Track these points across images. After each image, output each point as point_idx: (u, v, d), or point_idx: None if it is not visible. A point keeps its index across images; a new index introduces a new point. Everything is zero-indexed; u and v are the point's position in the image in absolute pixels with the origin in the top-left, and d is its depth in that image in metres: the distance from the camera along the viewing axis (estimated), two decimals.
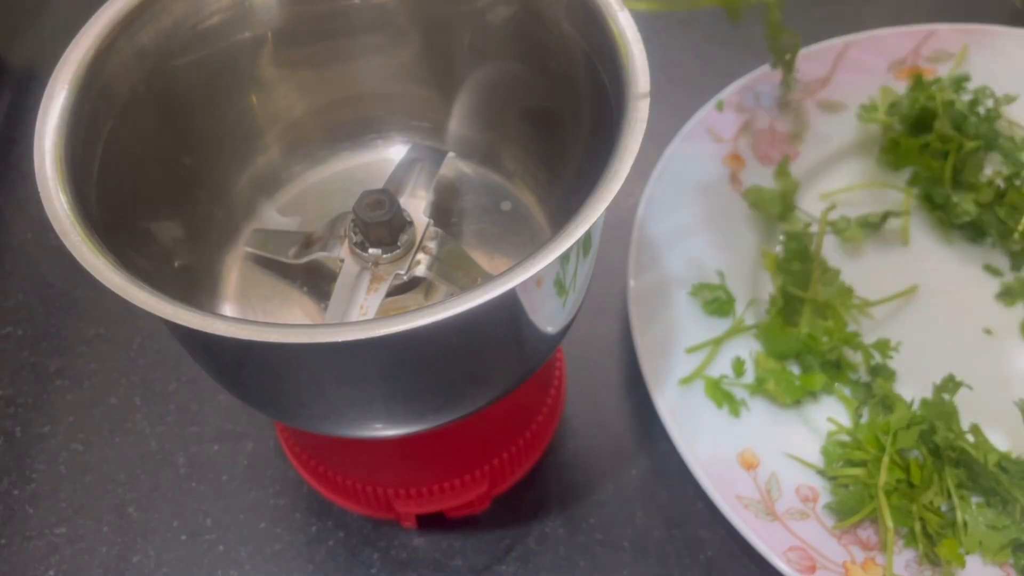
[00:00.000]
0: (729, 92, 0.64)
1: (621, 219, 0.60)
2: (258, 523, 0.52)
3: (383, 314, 0.37)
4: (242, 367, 0.37)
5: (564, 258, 0.32)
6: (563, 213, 0.43)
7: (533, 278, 0.31)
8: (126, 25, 0.38)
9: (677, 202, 0.59)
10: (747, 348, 0.55)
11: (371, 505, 0.50)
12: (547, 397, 0.52)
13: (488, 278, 0.32)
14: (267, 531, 0.51)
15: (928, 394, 0.52)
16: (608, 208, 0.33)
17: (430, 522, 0.51)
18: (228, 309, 0.44)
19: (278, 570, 0.50)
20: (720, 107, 0.63)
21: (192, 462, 0.54)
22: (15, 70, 0.73)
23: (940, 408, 0.50)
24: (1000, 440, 0.51)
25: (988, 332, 0.56)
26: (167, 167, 0.42)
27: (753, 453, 0.50)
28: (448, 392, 0.37)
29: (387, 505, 0.49)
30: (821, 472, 0.50)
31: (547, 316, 0.37)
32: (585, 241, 0.35)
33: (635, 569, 0.50)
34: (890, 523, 0.46)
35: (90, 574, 0.50)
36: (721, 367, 0.54)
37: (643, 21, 0.37)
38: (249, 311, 0.44)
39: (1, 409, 0.56)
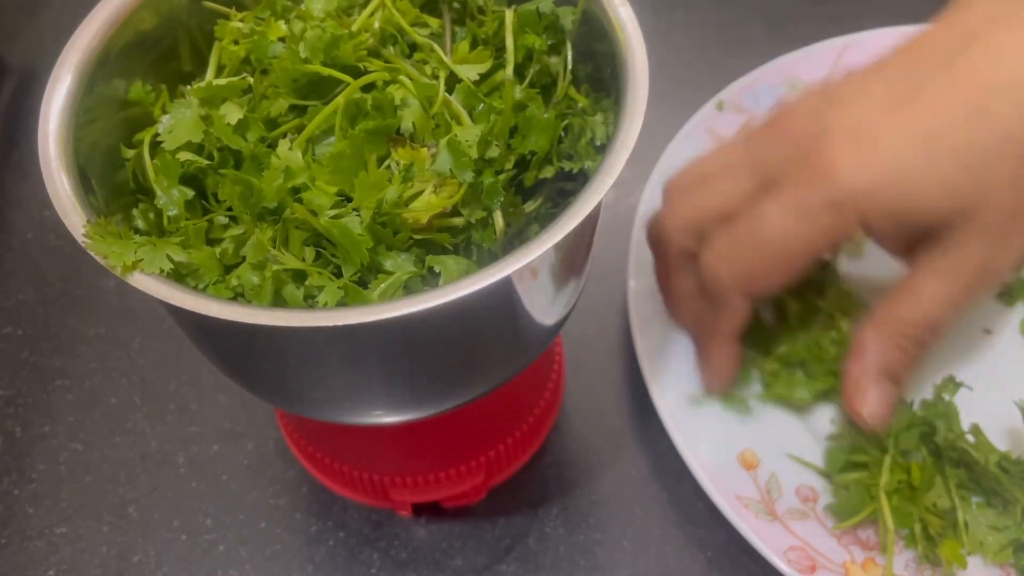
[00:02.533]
0: (730, 92, 0.64)
1: (621, 219, 0.59)
2: (258, 523, 0.52)
3: None
4: (242, 351, 0.37)
5: (560, 247, 0.32)
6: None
7: (528, 266, 0.31)
8: (133, 10, 0.38)
9: None
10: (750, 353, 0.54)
11: (368, 493, 0.50)
12: (545, 391, 0.52)
13: (482, 266, 0.32)
14: (267, 531, 0.51)
15: (928, 395, 0.52)
16: (607, 207, 0.33)
17: (426, 511, 0.51)
18: None
19: (278, 570, 0.50)
20: (720, 107, 0.63)
21: (192, 462, 0.54)
22: (15, 69, 0.73)
23: (940, 409, 0.50)
24: (1000, 440, 0.51)
25: (988, 332, 0.56)
26: None
27: (753, 453, 0.50)
28: (445, 378, 0.37)
29: (383, 493, 0.49)
30: (821, 472, 0.50)
31: (543, 306, 0.37)
32: (581, 232, 0.35)
33: (635, 569, 0.50)
34: (891, 524, 0.46)
35: (90, 574, 0.50)
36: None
37: (644, 21, 0.37)
38: None
39: (1, 409, 0.56)
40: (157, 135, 0.36)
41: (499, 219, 0.36)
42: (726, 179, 0.47)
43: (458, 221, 0.36)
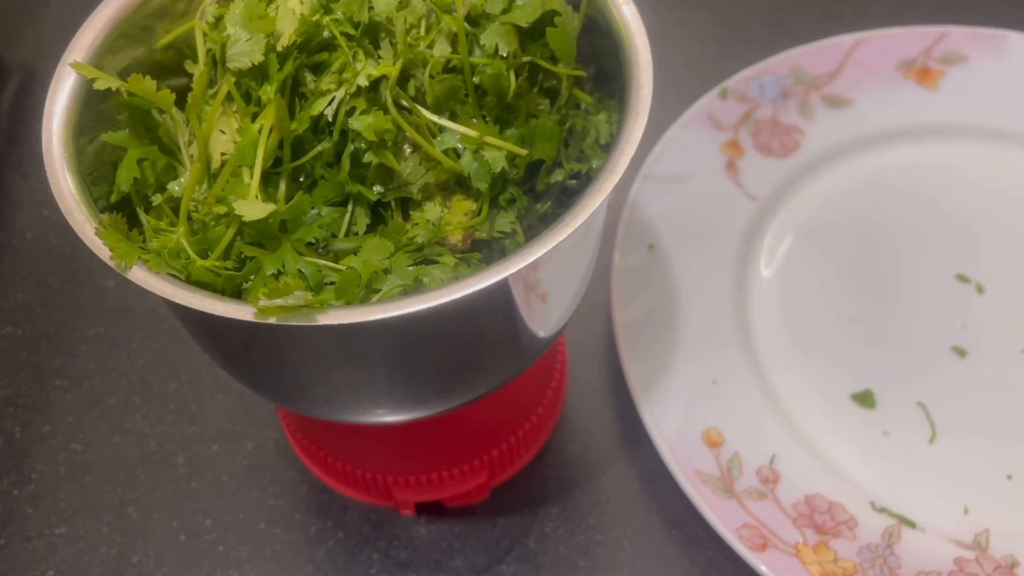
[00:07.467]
0: (735, 81, 0.64)
1: (612, 205, 0.59)
2: (258, 523, 0.52)
3: None
4: (245, 349, 0.37)
5: (562, 247, 0.32)
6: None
7: (530, 266, 0.31)
8: (135, 8, 0.38)
9: (670, 184, 0.60)
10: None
11: (371, 492, 0.50)
12: (548, 390, 0.52)
13: (484, 267, 0.32)
14: (267, 531, 0.51)
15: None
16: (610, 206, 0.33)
17: (429, 511, 0.51)
18: None
19: (278, 570, 0.50)
20: (724, 95, 0.63)
21: (192, 462, 0.54)
22: (15, 69, 0.73)
23: None
24: None
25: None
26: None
27: (719, 432, 0.51)
28: (447, 377, 0.37)
29: (387, 492, 0.49)
30: None
31: (545, 306, 0.37)
32: (584, 232, 0.35)
33: (635, 569, 0.50)
34: None
35: (90, 574, 0.50)
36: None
37: (644, 20, 0.37)
38: None
39: (1, 409, 0.56)
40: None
41: (520, 229, 0.37)
42: None
43: (482, 233, 0.36)
